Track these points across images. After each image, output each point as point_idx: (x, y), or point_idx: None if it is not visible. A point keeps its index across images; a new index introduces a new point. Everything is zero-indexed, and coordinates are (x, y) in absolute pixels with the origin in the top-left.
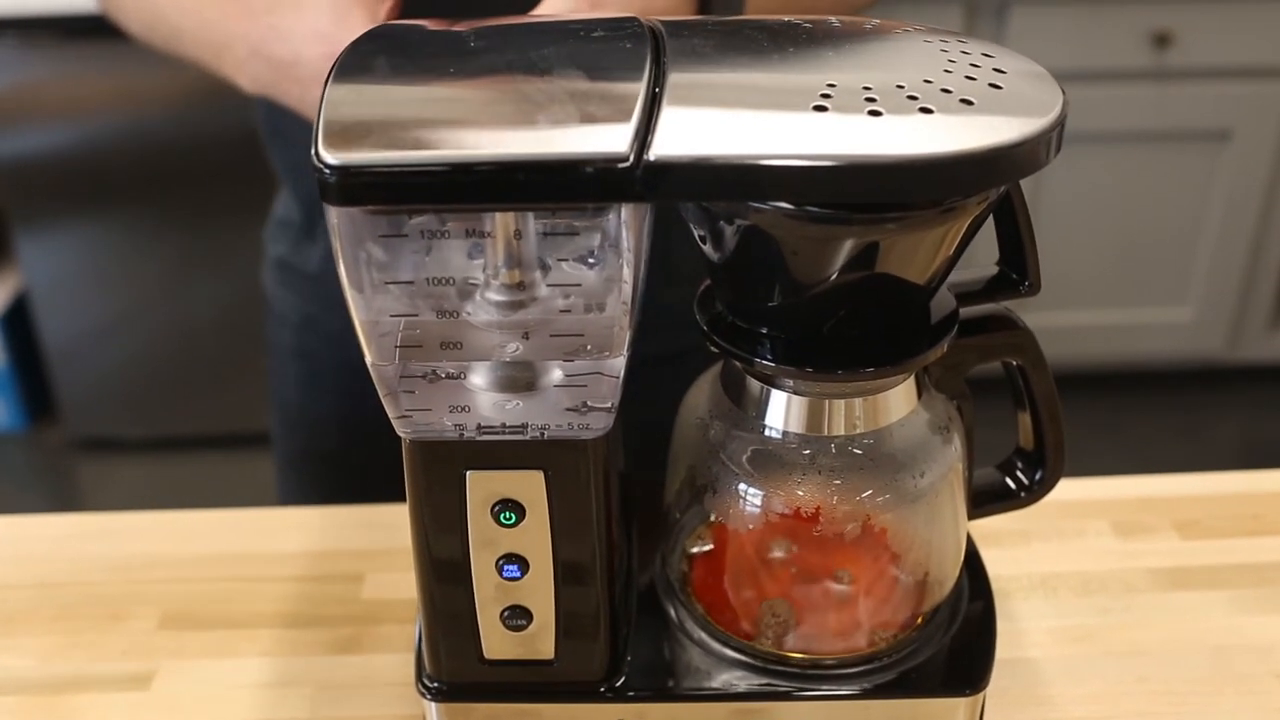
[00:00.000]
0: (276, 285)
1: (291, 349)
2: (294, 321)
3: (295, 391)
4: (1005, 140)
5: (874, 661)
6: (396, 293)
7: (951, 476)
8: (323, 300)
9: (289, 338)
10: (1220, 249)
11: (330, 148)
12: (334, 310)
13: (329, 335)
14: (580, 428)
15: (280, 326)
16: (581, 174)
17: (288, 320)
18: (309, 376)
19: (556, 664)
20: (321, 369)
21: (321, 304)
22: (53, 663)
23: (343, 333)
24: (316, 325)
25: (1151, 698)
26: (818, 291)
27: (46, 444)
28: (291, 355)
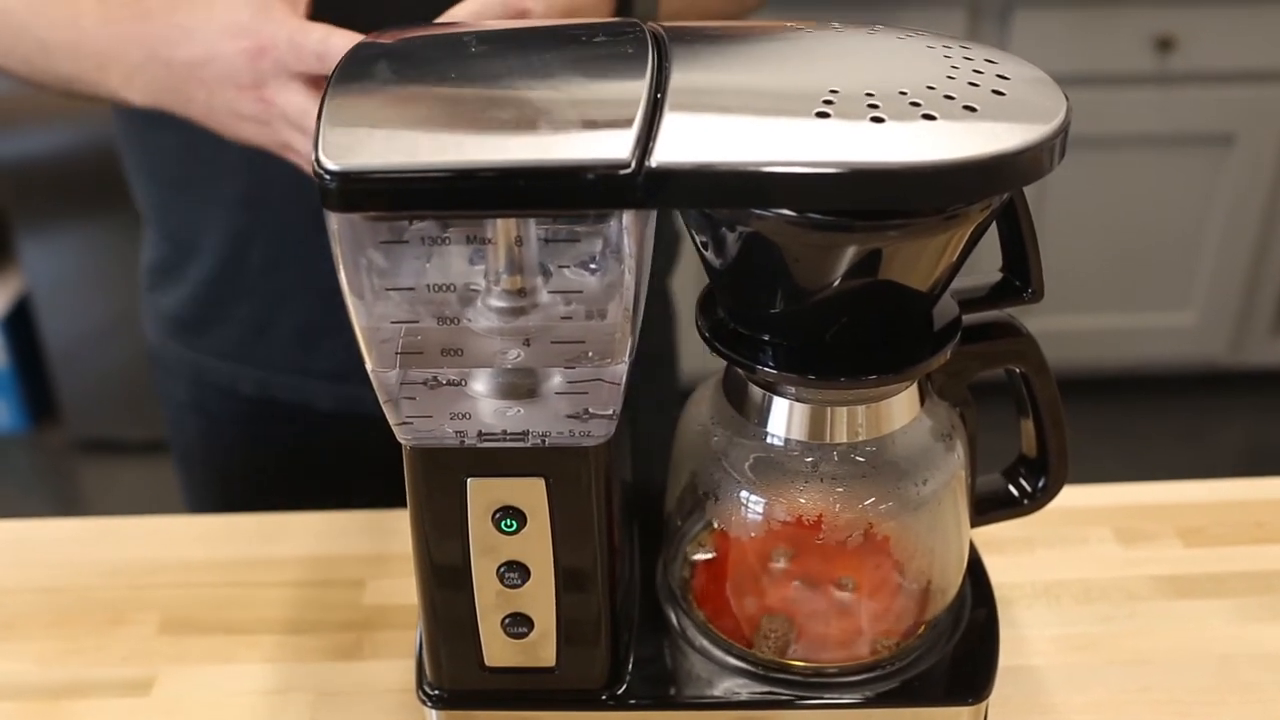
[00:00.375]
0: (161, 336)
1: (186, 401)
2: (184, 374)
3: (197, 445)
4: (1009, 147)
5: (876, 670)
6: (397, 299)
7: (954, 484)
8: (208, 349)
9: (182, 390)
10: (1223, 253)
11: (330, 154)
12: (219, 359)
13: (218, 386)
14: (581, 435)
15: (172, 380)
16: (583, 180)
17: (178, 373)
18: (207, 428)
19: (558, 671)
20: (219, 421)
21: (207, 353)
22: (53, 668)
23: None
24: (206, 376)
25: (1155, 706)
26: (820, 298)
27: (48, 445)
28: (187, 408)
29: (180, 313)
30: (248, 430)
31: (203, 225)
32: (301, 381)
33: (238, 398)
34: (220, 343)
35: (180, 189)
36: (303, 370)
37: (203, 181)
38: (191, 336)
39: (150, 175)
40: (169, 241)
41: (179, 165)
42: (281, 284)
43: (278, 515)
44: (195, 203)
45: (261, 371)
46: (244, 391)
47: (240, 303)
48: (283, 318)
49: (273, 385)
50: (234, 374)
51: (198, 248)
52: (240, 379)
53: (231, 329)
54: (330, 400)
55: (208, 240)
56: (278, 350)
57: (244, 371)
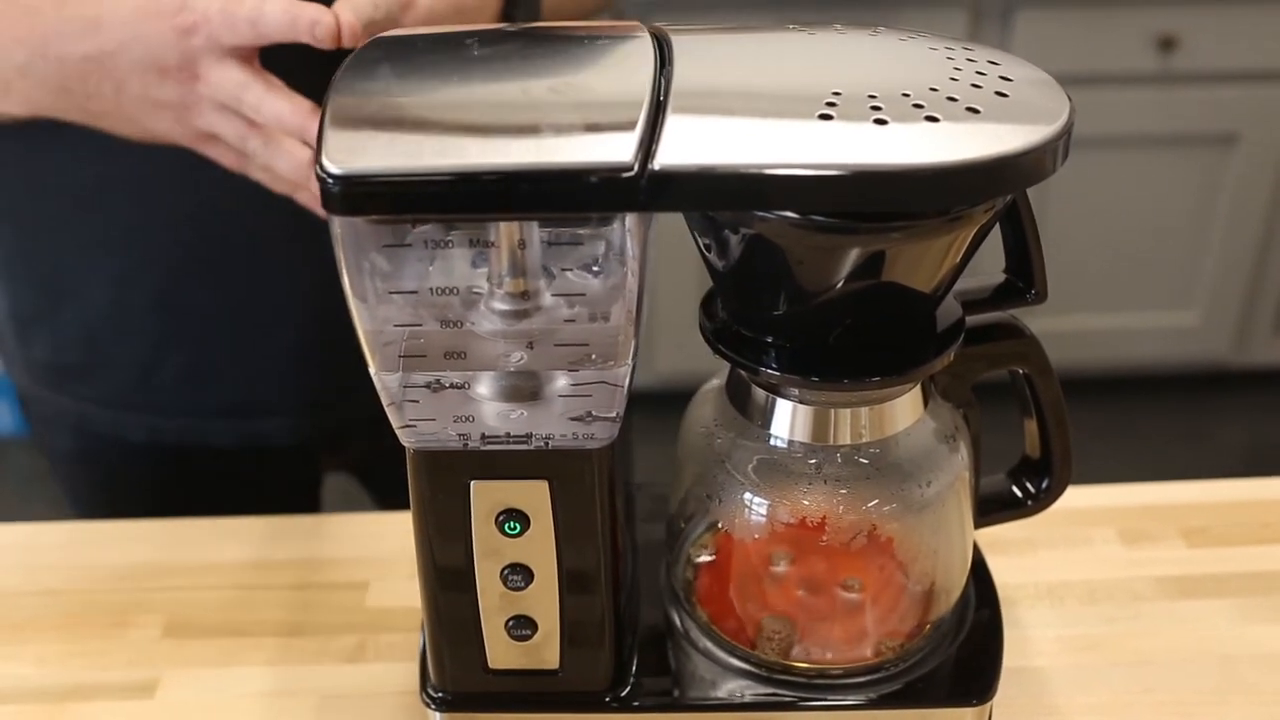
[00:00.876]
0: (36, 386)
1: (71, 453)
2: (66, 424)
3: (88, 495)
4: (1012, 149)
5: (880, 671)
6: (400, 302)
7: (958, 485)
8: (91, 398)
9: (65, 441)
10: (1226, 253)
11: (333, 157)
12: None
13: (104, 435)
14: (585, 437)
15: (53, 432)
16: (586, 183)
17: (58, 422)
18: (98, 479)
19: (561, 674)
20: (109, 470)
21: (90, 401)
22: (57, 670)
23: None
24: (90, 424)
25: (1159, 707)
26: (823, 300)
27: None
28: (74, 460)
29: (55, 360)
30: (142, 475)
31: (77, 268)
32: (195, 422)
33: (127, 444)
34: (104, 389)
35: (49, 231)
36: (195, 409)
37: (77, 222)
38: (71, 384)
39: (11, 218)
40: (36, 289)
41: (48, 205)
42: (170, 321)
43: (281, 519)
44: (68, 246)
45: (150, 416)
46: (134, 438)
47: (124, 345)
48: (172, 356)
49: (163, 429)
50: (119, 421)
51: (72, 293)
52: (127, 425)
53: (116, 373)
54: (228, 438)
55: (84, 284)
56: (167, 392)
57: (130, 418)
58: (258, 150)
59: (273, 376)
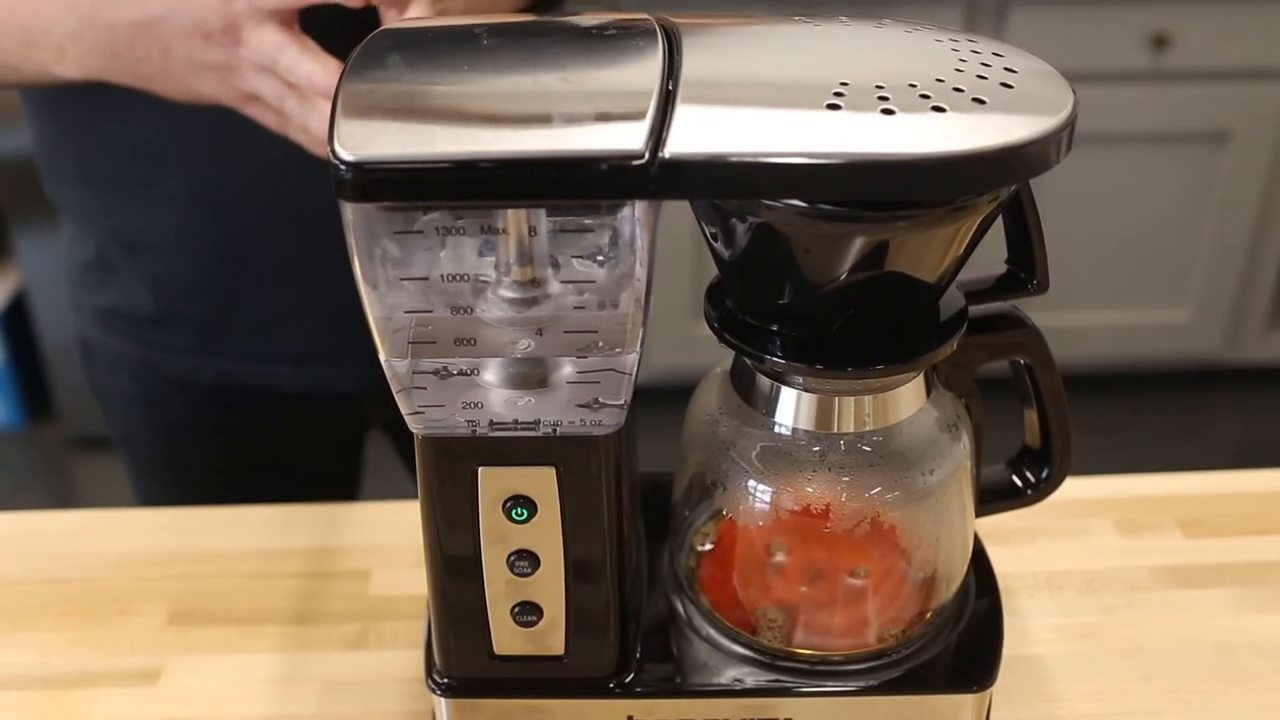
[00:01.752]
0: (102, 332)
1: (134, 397)
2: (131, 369)
3: (147, 438)
4: (1019, 139)
5: (882, 658)
6: (410, 289)
7: (960, 474)
8: (162, 345)
9: (128, 385)
10: (1218, 250)
11: (346, 145)
12: (175, 354)
13: (172, 380)
14: (592, 424)
15: (117, 376)
16: (596, 171)
17: (122, 367)
18: (159, 422)
19: (566, 660)
20: (171, 413)
21: (161, 349)
22: (61, 658)
23: (189, 371)
24: (158, 370)
25: (1156, 695)
26: (828, 289)
27: (44, 442)
28: (135, 404)
29: (128, 310)
30: (204, 419)
31: (149, 225)
32: (264, 367)
33: (195, 388)
34: (177, 338)
35: (121, 190)
36: (265, 355)
37: (148, 182)
38: (143, 332)
39: (85, 178)
40: (110, 242)
41: (121, 166)
42: (240, 277)
43: (284, 507)
44: (139, 203)
45: (223, 360)
46: (204, 380)
47: (196, 299)
48: (243, 308)
49: (235, 373)
50: (193, 366)
51: (144, 247)
52: (200, 369)
53: (188, 324)
54: (293, 383)
55: (156, 240)
56: (239, 339)
57: (204, 362)
58: (294, 110)
59: (334, 327)
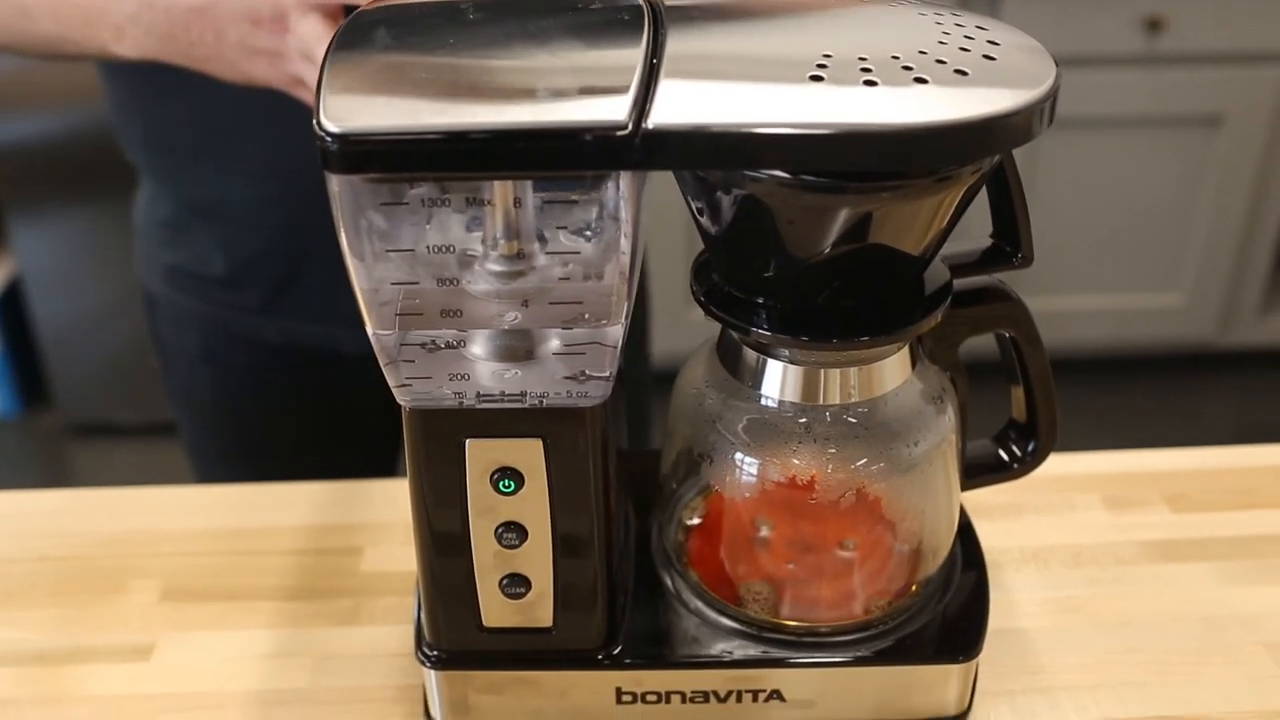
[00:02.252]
0: (169, 289)
1: (197, 353)
2: (197, 325)
3: (208, 393)
4: (999, 110)
5: (869, 629)
6: (397, 260)
7: (945, 446)
8: (230, 303)
9: (193, 341)
10: (1211, 234)
11: (331, 117)
12: (242, 313)
13: (238, 337)
14: (579, 396)
15: (181, 332)
16: (580, 142)
17: (189, 324)
18: (220, 378)
19: (554, 632)
20: (233, 370)
21: (229, 307)
22: (54, 635)
23: (254, 330)
24: (224, 327)
25: (1140, 667)
26: (813, 261)
27: (40, 429)
28: (198, 359)
29: (196, 269)
30: (267, 378)
31: (219, 192)
32: (329, 328)
33: (260, 346)
34: (245, 298)
35: (194, 159)
36: (330, 317)
37: (219, 153)
38: (211, 291)
39: (158, 147)
40: (183, 205)
41: (193, 137)
42: (305, 242)
43: (277, 485)
44: (210, 173)
45: (288, 321)
46: (269, 340)
47: (264, 262)
48: (307, 272)
49: (299, 333)
50: (258, 325)
51: (217, 213)
52: (265, 329)
53: (256, 286)
54: (355, 344)
55: (226, 206)
56: (304, 301)
57: (269, 322)
58: None
59: None
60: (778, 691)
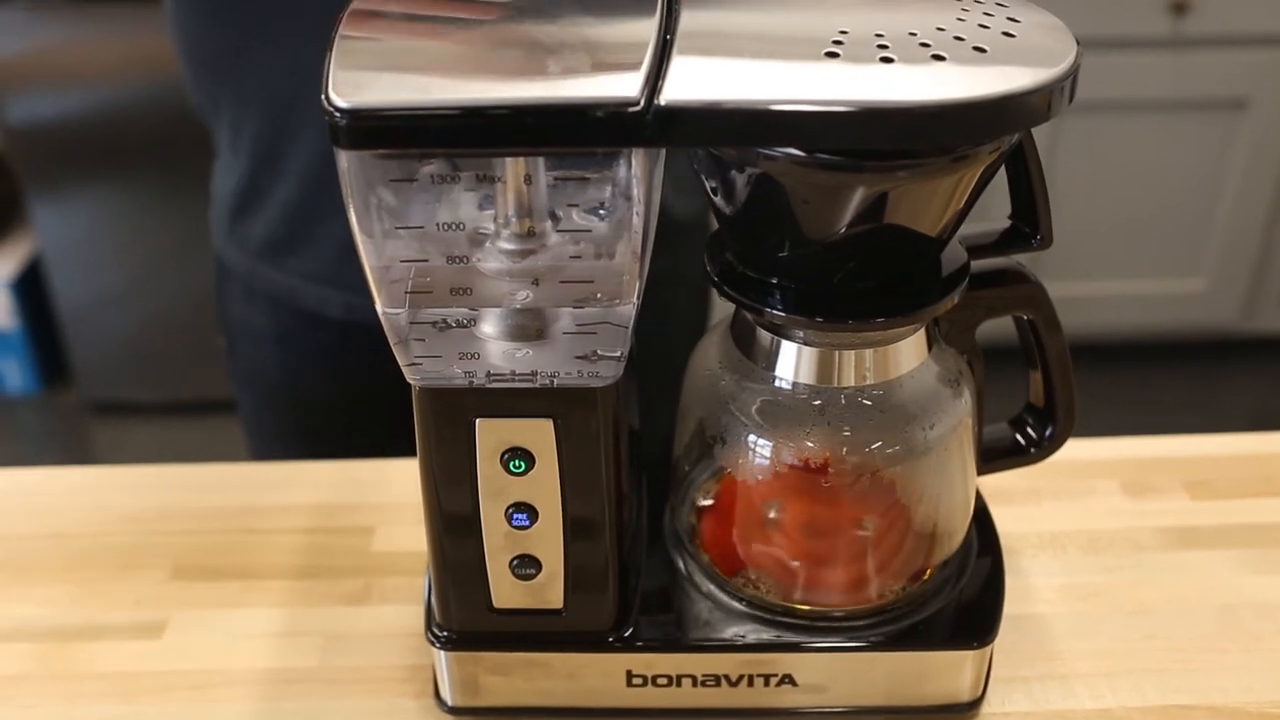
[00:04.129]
0: (242, 256)
1: (265, 332)
2: (266, 300)
3: (274, 372)
4: (1018, 87)
5: (882, 614)
6: (407, 238)
7: (961, 430)
8: (298, 271)
9: (261, 318)
10: (1235, 219)
11: (341, 92)
12: (309, 282)
13: (306, 313)
14: (590, 376)
15: (246, 308)
16: (592, 118)
17: (256, 300)
18: (286, 358)
19: (565, 614)
20: (299, 348)
21: (297, 275)
22: (66, 612)
23: (319, 304)
24: (291, 303)
25: (1158, 655)
26: (828, 241)
27: (60, 407)
28: (265, 339)
29: (269, 235)
30: (330, 358)
31: (294, 146)
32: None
33: (324, 323)
34: (311, 263)
35: (276, 111)
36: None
37: (296, 103)
38: (284, 258)
39: (242, 102)
40: (259, 166)
41: (274, 87)
42: None
43: (289, 464)
44: (287, 125)
45: (347, 295)
46: (330, 315)
47: (328, 222)
48: None
49: (358, 309)
50: (321, 297)
51: (284, 169)
52: (328, 302)
53: (321, 249)
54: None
55: (295, 161)
56: (363, 273)
57: (333, 295)
58: None
59: None
60: (790, 676)
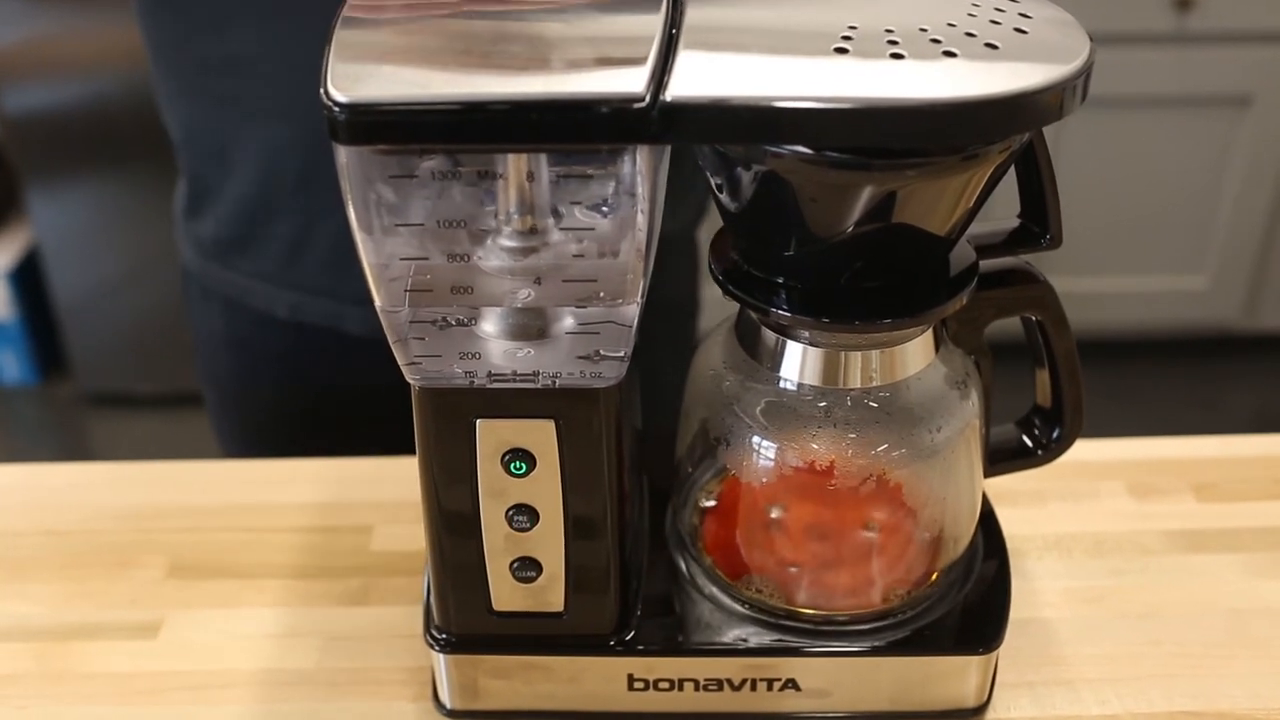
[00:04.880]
0: (197, 258)
1: (222, 337)
2: (221, 302)
3: (231, 373)
4: (1030, 85)
5: (887, 618)
6: (406, 235)
7: (968, 432)
8: (246, 270)
9: (217, 320)
10: (1238, 216)
11: (340, 86)
12: (258, 280)
13: (257, 313)
14: (592, 376)
15: (209, 311)
16: (596, 114)
17: (213, 303)
18: (242, 358)
19: (566, 617)
20: (254, 349)
21: (246, 274)
22: (61, 610)
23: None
24: (243, 303)
25: (1165, 659)
26: (835, 240)
27: (57, 398)
28: (222, 340)
29: (219, 234)
30: (280, 358)
31: (240, 141)
32: (332, 305)
33: (272, 323)
34: (258, 262)
35: (219, 104)
36: (333, 294)
37: (244, 95)
38: (231, 256)
39: (190, 94)
40: (207, 163)
41: (222, 79)
42: (316, 200)
43: (287, 461)
44: (233, 119)
45: (296, 294)
46: (279, 315)
47: (278, 220)
48: (317, 237)
49: (306, 309)
50: (271, 296)
51: (233, 165)
52: (276, 302)
53: (269, 247)
54: (359, 325)
55: (246, 156)
56: (311, 272)
57: (280, 294)
58: None
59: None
60: (793, 680)
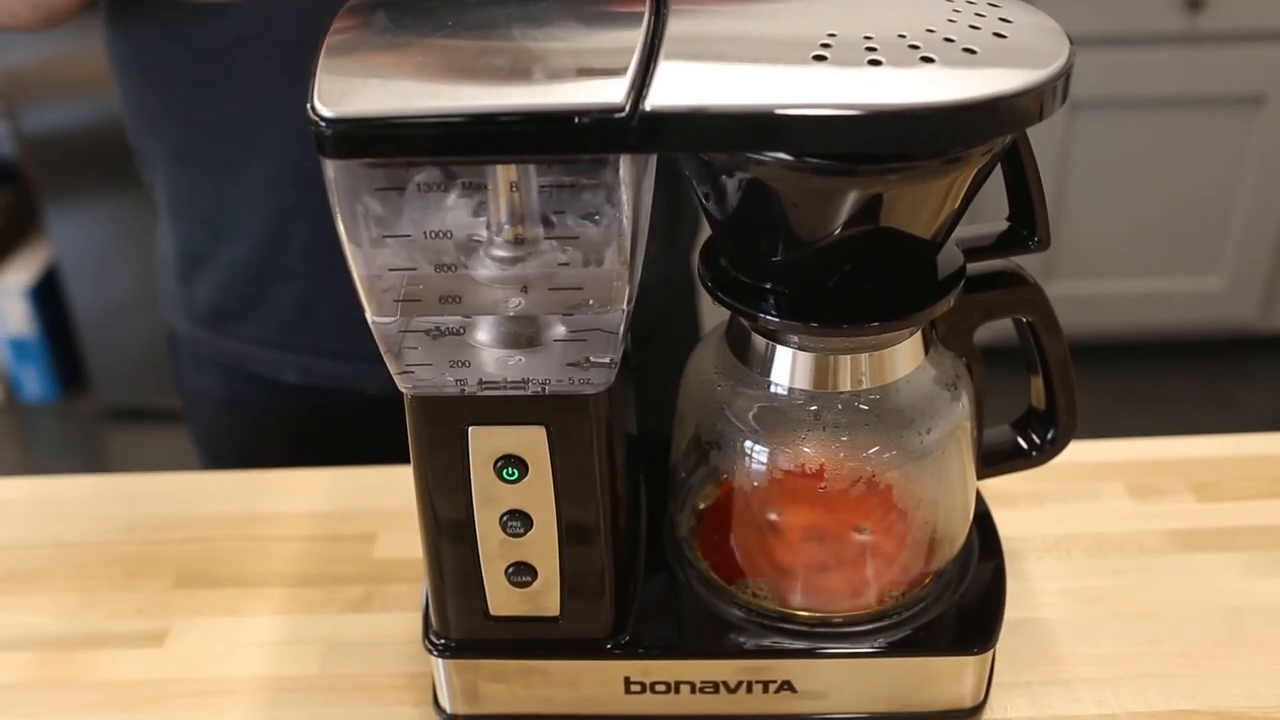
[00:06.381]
0: (189, 326)
1: (218, 399)
2: (218, 366)
3: (227, 438)
4: (1007, 89)
5: (882, 620)
6: (395, 246)
7: (959, 434)
8: (249, 337)
9: (214, 384)
10: (1253, 216)
11: (326, 100)
12: (261, 347)
13: (258, 377)
14: (582, 383)
15: (204, 376)
16: (577, 125)
17: (208, 366)
18: (241, 422)
19: (562, 621)
20: (253, 412)
21: (248, 341)
22: (70, 620)
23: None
24: (244, 367)
25: (1164, 659)
26: (821, 245)
27: (77, 414)
28: (220, 406)
29: (218, 300)
30: (288, 423)
31: (241, 206)
32: (346, 365)
33: (280, 388)
34: (263, 329)
35: (215, 170)
36: (347, 354)
37: (241, 161)
38: (232, 324)
39: (179, 160)
40: (203, 228)
41: (215, 146)
42: (325, 262)
43: (290, 472)
44: (232, 184)
45: (306, 357)
46: (287, 380)
47: (283, 284)
48: (327, 298)
49: (317, 371)
50: (277, 361)
51: (235, 229)
52: (284, 366)
53: (275, 313)
54: (375, 383)
55: (246, 221)
56: (322, 333)
57: (288, 359)
58: None
59: None
60: (789, 682)
